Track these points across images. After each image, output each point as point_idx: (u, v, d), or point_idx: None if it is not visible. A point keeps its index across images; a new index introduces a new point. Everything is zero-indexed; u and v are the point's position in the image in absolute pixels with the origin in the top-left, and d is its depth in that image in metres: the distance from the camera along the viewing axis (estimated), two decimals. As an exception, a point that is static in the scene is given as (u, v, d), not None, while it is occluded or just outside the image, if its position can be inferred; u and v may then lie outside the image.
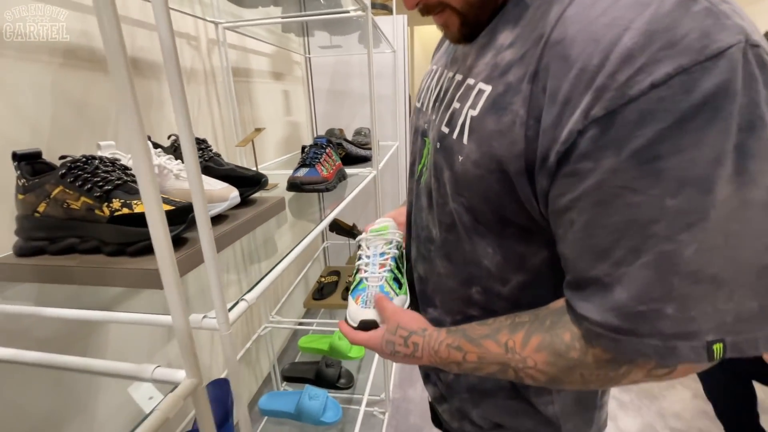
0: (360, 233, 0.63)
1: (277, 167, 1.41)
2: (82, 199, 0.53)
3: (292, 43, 1.78)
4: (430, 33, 4.68)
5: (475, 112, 0.38)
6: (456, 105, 0.42)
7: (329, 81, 1.99)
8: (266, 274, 0.53)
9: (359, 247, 0.62)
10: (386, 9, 1.97)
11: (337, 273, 1.76)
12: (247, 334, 1.45)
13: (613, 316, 0.31)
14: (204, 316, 0.42)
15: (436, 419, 0.70)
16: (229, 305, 0.43)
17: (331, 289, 1.68)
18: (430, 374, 0.59)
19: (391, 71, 1.93)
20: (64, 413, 0.74)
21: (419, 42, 4.72)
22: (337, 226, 1.73)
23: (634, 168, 0.28)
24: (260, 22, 1.15)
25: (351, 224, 1.78)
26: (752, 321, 0.28)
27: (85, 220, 0.54)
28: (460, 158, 0.40)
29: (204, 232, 0.39)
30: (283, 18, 1.23)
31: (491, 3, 0.40)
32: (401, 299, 0.54)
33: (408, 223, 0.58)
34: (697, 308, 0.28)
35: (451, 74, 0.46)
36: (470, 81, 0.41)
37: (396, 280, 0.56)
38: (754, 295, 0.28)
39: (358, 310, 0.53)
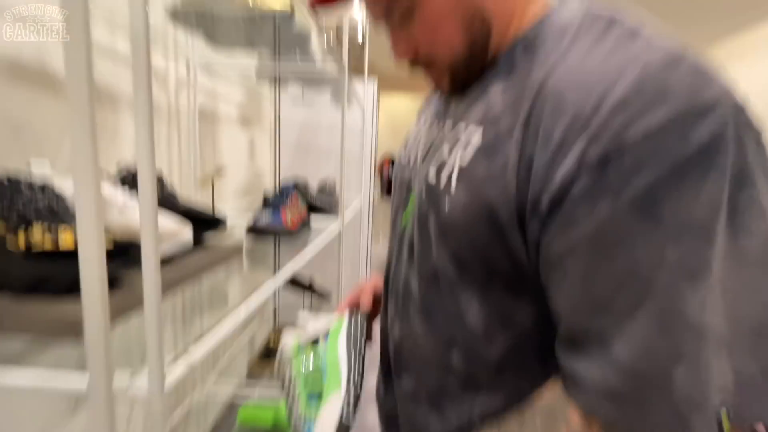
0: (317, 289, 0.55)
1: (235, 213, 1.33)
2: (-6, 225, 0.44)
3: (264, 94, 1.79)
4: (396, 101, 5.02)
5: (465, 159, 0.38)
6: (445, 154, 0.41)
7: (297, 133, 2.00)
8: (215, 326, 0.45)
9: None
10: (358, 72, 2.09)
11: (288, 332, 1.62)
12: (173, 404, 1.23)
13: (615, 375, 0.28)
14: (131, 376, 0.33)
15: None
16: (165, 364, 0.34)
17: (279, 350, 1.53)
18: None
19: (360, 129, 1.99)
20: None
21: (383, 108, 5.03)
22: (293, 280, 1.62)
23: (632, 215, 0.27)
24: (234, 64, 1.15)
25: (308, 279, 1.68)
26: (754, 387, 0.27)
27: (-8, 252, 0.44)
28: (448, 204, 0.38)
29: (150, 271, 0.32)
30: (258, 63, 1.24)
31: (478, 60, 0.41)
32: (330, 406, 0.44)
33: (386, 282, 0.54)
34: (705, 370, 0.26)
35: (441, 125, 0.46)
36: (460, 130, 0.41)
37: (312, 394, 0.45)
38: (753, 357, 0.27)
39: None
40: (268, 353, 1.51)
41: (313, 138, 2.00)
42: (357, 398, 0.45)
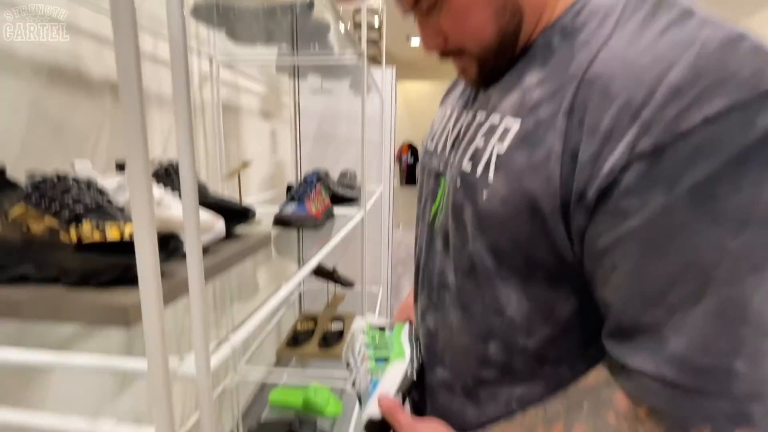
0: (341, 278, 0.59)
1: (260, 204, 1.36)
2: (47, 221, 0.47)
3: (283, 85, 1.81)
4: (412, 87, 4.95)
5: (502, 148, 0.37)
6: (479, 142, 0.40)
7: (317, 123, 2.02)
8: (252, 314, 0.48)
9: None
10: (376, 61, 2.07)
11: (313, 319, 1.66)
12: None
13: (671, 368, 0.27)
14: (180, 360, 0.36)
15: None
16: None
17: (306, 337, 1.57)
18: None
19: (379, 117, 1.99)
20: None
21: (401, 95, 4.99)
22: (317, 269, 1.66)
23: (689, 207, 0.26)
24: (255, 59, 1.16)
25: (332, 267, 1.72)
26: None
27: (46, 246, 0.47)
28: (485, 195, 0.37)
29: (194, 261, 0.34)
30: (278, 57, 1.25)
31: (509, 50, 0.40)
32: (396, 367, 0.50)
33: (417, 271, 0.54)
34: (766, 361, 0.26)
35: (471, 114, 0.45)
36: (494, 118, 0.40)
37: (380, 358, 0.52)
38: None
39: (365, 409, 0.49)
40: (295, 340, 1.56)
41: (332, 127, 2.01)
42: (420, 368, 0.51)
